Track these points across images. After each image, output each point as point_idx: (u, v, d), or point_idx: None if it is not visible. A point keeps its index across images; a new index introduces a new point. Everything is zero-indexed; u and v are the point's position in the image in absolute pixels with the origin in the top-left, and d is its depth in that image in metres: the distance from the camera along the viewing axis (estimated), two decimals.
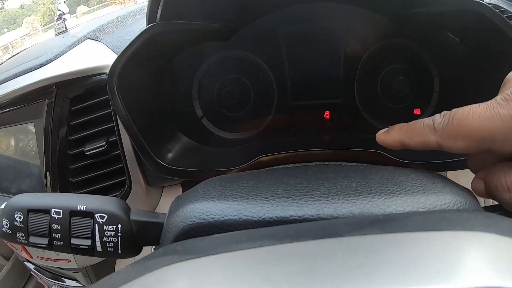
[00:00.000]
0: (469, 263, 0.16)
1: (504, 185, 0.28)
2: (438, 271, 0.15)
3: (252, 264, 0.17)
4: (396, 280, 0.15)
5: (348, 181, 0.29)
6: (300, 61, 0.55)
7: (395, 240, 0.18)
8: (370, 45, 0.54)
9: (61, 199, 0.32)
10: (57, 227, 0.31)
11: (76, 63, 0.54)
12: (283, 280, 0.15)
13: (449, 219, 0.20)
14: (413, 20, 0.48)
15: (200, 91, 0.57)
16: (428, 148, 0.32)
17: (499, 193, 0.29)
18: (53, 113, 0.53)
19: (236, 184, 0.30)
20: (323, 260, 0.16)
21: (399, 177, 0.29)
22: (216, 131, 0.58)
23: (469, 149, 0.29)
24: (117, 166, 0.54)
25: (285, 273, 0.16)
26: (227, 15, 0.48)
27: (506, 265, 0.15)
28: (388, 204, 0.26)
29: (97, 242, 0.31)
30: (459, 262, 0.16)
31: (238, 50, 0.55)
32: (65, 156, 0.54)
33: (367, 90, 0.56)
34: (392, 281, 0.15)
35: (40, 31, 6.45)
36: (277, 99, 0.57)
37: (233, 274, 0.16)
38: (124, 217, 0.32)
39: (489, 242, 0.17)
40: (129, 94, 0.46)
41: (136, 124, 0.46)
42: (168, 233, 0.28)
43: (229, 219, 0.25)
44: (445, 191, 0.27)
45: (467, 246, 0.17)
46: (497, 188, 0.29)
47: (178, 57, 0.53)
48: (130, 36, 0.56)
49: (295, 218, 0.25)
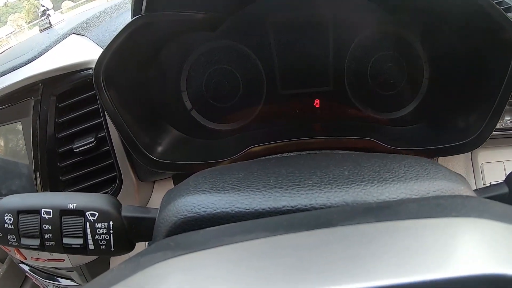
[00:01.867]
0: (466, 250, 0.16)
1: None
2: (435, 259, 0.15)
3: (246, 258, 0.17)
4: (392, 270, 0.14)
5: (340, 169, 0.28)
6: (289, 50, 0.54)
7: (389, 228, 0.18)
8: (359, 32, 0.53)
9: (51, 199, 0.32)
10: (48, 227, 0.31)
11: (61, 59, 0.53)
12: (277, 273, 0.15)
13: (444, 206, 0.20)
14: (405, 6, 0.47)
15: (188, 83, 0.56)
16: None
17: None
18: (40, 111, 0.52)
19: (227, 176, 0.29)
20: (317, 252, 0.16)
21: (391, 164, 0.29)
22: (206, 123, 0.57)
23: None
24: (107, 162, 0.53)
25: (279, 266, 0.16)
26: (212, 4, 0.47)
27: (503, 251, 0.15)
28: (381, 192, 0.25)
29: (89, 241, 0.31)
30: (456, 249, 0.16)
31: (226, 40, 0.54)
32: (54, 154, 0.53)
33: (356, 78, 0.55)
34: (388, 271, 0.14)
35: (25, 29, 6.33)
36: (266, 88, 0.56)
37: (227, 268, 0.16)
38: (116, 213, 0.32)
39: (484, 228, 0.17)
40: (117, 88, 0.45)
41: (125, 118, 0.45)
42: (160, 228, 0.27)
43: (221, 212, 0.25)
44: (438, 177, 0.27)
45: (463, 232, 0.17)
46: None
47: (165, 49, 0.52)
48: (116, 29, 0.54)
49: (288, 209, 0.25)
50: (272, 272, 0.15)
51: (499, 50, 0.42)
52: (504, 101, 0.42)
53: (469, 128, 0.46)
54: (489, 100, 0.43)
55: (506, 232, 0.17)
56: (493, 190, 0.33)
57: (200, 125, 0.57)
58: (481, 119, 0.44)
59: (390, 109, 0.56)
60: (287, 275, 0.15)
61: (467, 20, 0.44)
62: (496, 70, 0.42)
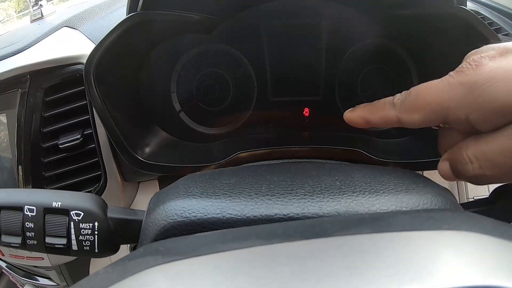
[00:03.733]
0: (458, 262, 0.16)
1: (465, 157, 0.29)
2: (430, 270, 0.15)
3: (242, 266, 0.17)
4: (391, 279, 0.14)
5: (332, 179, 0.29)
6: (282, 57, 0.54)
7: (385, 239, 0.18)
8: (352, 44, 0.54)
9: (35, 196, 0.31)
10: (30, 226, 0.30)
11: (51, 52, 0.51)
12: (275, 282, 0.15)
13: (435, 219, 0.21)
14: (397, 21, 0.48)
15: (178, 84, 0.55)
16: (388, 123, 0.34)
17: (462, 166, 0.30)
18: (26, 104, 0.50)
19: (218, 181, 0.29)
20: (314, 261, 0.16)
21: (381, 176, 0.30)
22: (194, 126, 0.57)
23: (426, 121, 0.30)
24: (92, 160, 0.52)
25: (276, 275, 0.15)
26: (209, 7, 0.47)
27: (492, 264, 0.16)
28: (372, 203, 0.26)
29: (72, 241, 0.30)
30: (450, 261, 0.16)
31: (219, 44, 0.54)
32: (38, 149, 0.51)
33: (347, 89, 0.56)
34: (387, 280, 0.14)
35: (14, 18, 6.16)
36: (256, 94, 0.56)
37: (222, 277, 0.16)
38: (101, 214, 0.31)
39: (474, 241, 0.18)
40: (107, 85, 0.44)
41: (113, 116, 0.45)
42: (147, 232, 0.27)
43: (212, 217, 0.25)
44: (426, 190, 0.28)
45: (455, 245, 0.17)
46: (460, 162, 0.30)
47: (158, 48, 0.52)
48: (109, 25, 0.54)
49: (279, 217, 0.24)
50: (271, 281, 0.15)
51: None
52: None
53: None
54: None
55: (495, 245, 0.18)
56: (478, 205, 0.34)
57: (189, 128, 0.57)
58: None
59: None
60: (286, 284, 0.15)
61: (458, 37, 0.45)
62: None
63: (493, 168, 0.28)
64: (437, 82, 0.30)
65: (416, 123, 0.31)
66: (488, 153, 0.28)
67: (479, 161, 0.29)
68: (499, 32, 0.64)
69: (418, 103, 0.31)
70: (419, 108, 0.31)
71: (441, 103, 0.29)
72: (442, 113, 0.29)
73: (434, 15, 0.43)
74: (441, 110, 0.29)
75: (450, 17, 0.41)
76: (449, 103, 0.29)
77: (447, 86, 0.29)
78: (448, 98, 0.29)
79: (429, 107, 0.30)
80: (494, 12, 0.73)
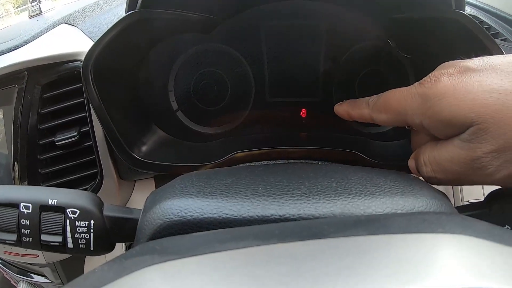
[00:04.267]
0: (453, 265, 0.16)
1: (422, 161, 0.34)
2: (425, 273, 0.15)
3: (239, 266, 0.17)
4: (387, 281, 0.15)
5: (328, 180, 0.29)
6: (280, 58, 0.55)
7: (381, 241, 0.18)
8: (351, 46, 0.54)
9: (31, 193, 0.31)
10: (26, 223, 0.30)
11: (49, 48, 0.51)
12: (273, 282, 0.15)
13: (430, 221, 0.21)
14: (396, 24, 0.49)
15: (176, 83, 0.55)
16: (364, 119, 0.41)
17: (419, 168, 0.35)
18: (23, 100, 0.50)
19: (215, 180, 0.29)
20: (311, 261, 0.16)
21: (377, 178, 0.30)
22: (191, 125, 0.57)
23: (390, 121, 0.36)
24: (89, 158, 0.52)
25: (274, 275, 0.15)
26: (209, 7, 0.47)
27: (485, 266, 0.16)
28: (368, 205, 0.26)
29: (68, 239, 0.30)
30: (444, 263, 0.16)
31: (218, 44, 0.54)
32: (34, 146, 0.51)
33: (344, 91, 0.56)
34: (383, 282, 0.15)
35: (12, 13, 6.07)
36: (254, 94, 0.56)
37: (219, 277, 0.16)
38: (97, 212, 0.31)
39: (469, 245, 0.18)
40: (104, 82, 0.44)
41: (110, 114, 0.44)
42: (144, 230, 0.27)
43: (209, 217, 0.25)
44: (422, 193, 0.28)
45: (449, 247, 0.18)
46: (418, 163, 0.35)
47: (156, 47, 0.52)
48: (108, 22, 0.54)
49: (276, 217, 0.25)
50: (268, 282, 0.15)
51: None
52: None
53: None
54: None
55: (489, 249, 0.18)
56: (473, 208, 0.34)
57: (186, 127, 0.57)
58: None
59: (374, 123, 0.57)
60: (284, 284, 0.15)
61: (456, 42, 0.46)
62: None
63: (443, 173, 0.32)
64: (403, 90, 0.35)
65: (384, 122, 0.37)
66: (438, 159, 0.32)
67: (432, 165, 0.33)
68: (497, 37, 0.65)
69: (385, 105, 0.36)
70: (386, 110, 0.36)
71: (402, 108, 0.34)
72: (402, 117, 0.34)
73: (433, 19, 0.44)
74: (402, 114, 0.34)
75: (449, 21, 0.41)
76: (407, 109, 0.33)
77: (408, 95, 0.33)
78: (407, 105, 0.33)
79: (392, 110, 0.35)
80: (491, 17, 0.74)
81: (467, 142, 0.29)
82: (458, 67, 0.31)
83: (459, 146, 0.30)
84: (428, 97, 0.31)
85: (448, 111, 0.29)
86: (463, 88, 0.29)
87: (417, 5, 0.44)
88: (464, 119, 0.29)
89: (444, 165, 0.32)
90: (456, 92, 0.29)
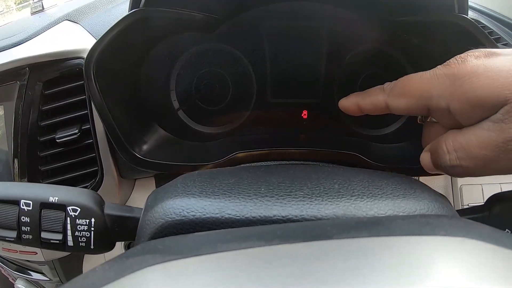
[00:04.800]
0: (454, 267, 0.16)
1: (444, 148, 0.31)
2: (427, 275, 0.15)
3: (242, 266, 0.17)
4: (389, 283, 0.15)
5: (330, 182, 0.29)
6: (282, 59, 0.55)
7: (384, 243, 0.18)
8: (352, 48, 0.54)
9: (31, 190, 0.31)
10: (26, 220, 0.30)
11: (52, 45, 0.51)
12: (276, 282, 0.15)
13: (432, 224, 0.21)
14: (398, 27, 0.49)
15: (178, 82, 0.55)
16: (378, 108, 0.37)
17: (440, 157, 0.32)
18: (24, 97, 0.50)
19: (217, 180, 0.29)
20: (314, 263, 0.16)
21: (379, 181, 0.30)
22: (192, 124, 0.57)
23: (411, 107, 0.33)
24: (89, 156, 0.52)
25: (277, 276, 0.15)
26: (212, 7, 0.47)
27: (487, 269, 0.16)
28: (370, 207, 0.26)
29: (68, 237, 0.30)
30: (446, 266, 0.16)
31: (220, 43, 0.54)
32: (35, 143, 0.51)
33: (346, 93, 0.56)
34: (385, 283, 0.15)
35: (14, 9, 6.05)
36: (256, 95, 0.56)
37: (222, 277, 0.16)
38: (98, 211, 0.31)
39: (471, 247, 0.18)
40: (106, 80, 0.44)
41: (112, 112, 0.44)
42: (145, 229, 0.27)
43: (211, 217, 0.25)
44: (423, 196, 0.28)
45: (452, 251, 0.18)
46: (439, 152, 0.32)
47: (159, 46, 0.51)
48: (111, 20, 0.53)
49: (278, 218, 0.25)
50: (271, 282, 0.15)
51: None
52: None
53: None
54: None
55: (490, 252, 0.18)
56: (473, 212, 0.34)
57: (187, 126, 0.56)
58: None
59: (375, 126, 0.57)
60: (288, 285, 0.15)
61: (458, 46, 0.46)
62: None
63: (470, 160, 0.30)
64: (425, 72, 0.32)
65: (402, 109, 0.34)
66: (465, 145, 0.30)
67: (456, 152, 0.30)
68: (499, 42, 0.65)
69: (405, 89, 0.33)
70: (405, 94, 0.33)
71: (426, 91, 0.31)
72: (425, 101, 0.31)
73: (435, 22, 0.44)
74: (425, 98, 0.31)
75: (451, 25, 0.41)
76: (432, 91, 0.31)
77: (432, 76, 0.31)
78: (432, 87, 0.31)
79: (414, 93, 0.32)
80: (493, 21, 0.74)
81: (499, 122, 0.27)
82: (484, 51, 0.30)
83: (490, 128, 0.28)
84: (457, 77, 0.29)
85: (480, 90, 0.27)
86: (494, 67, 0.28)
87: (419, 9, 0.44)
88: (497, 98, 0.27)
89: (472, 151, 0.29)
90: (487, 70, 0.28)
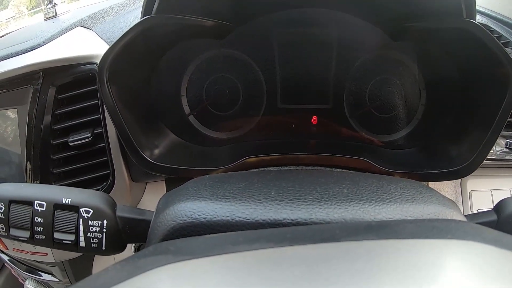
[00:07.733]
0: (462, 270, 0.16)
1: None
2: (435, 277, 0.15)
3: (253, 267, 0.17)
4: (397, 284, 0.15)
5: (339, 187, 0.29)
6: (292, 65, 0.55)
7: (392, 246, 0.18)
8: (362, 54, 0.54)
9: (45, 191, 0.31)
10: (40, 220, 0.30)
11: (65, 50, 0.52)
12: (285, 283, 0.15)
13: (440, 228, 0.21)
14: (407, 33, 0.49)
15: (189, 88, 0.56)
16: None
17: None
18: (38, 100, 0.51)
19: (228, 184, 0.30)
20: (324, 264, 0.17)
21: (388, 185, 0.30)
22: (203, 129, 0.57)
23: None
24: (101, 159, 0.52)
25: (287, 276, 0.16)
26: (223, 13, 0.48)
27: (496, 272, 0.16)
28: (378, 211, 0.26)
29: (80, 238, 0.31)
30: (454, 268, 0.16)
31: (231, 50, 0.54)
32: (47, 146, 0.52)
33: (355, 98, 0.56)
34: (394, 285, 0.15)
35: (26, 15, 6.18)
36: (266, 101, 0.56)
37: (233, 277, 0.16)
38: (110, 213, 0.31)
39: (478, 251, 0.18)
40: (119, 85, 0.45)
41: (124, 116, 0.45)
42: (156, 231, 0.27)
43: (222, 220, 0.25)
44: (432, 201, 0.28)
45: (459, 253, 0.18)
46: None
47: (170, 52, 0.52)
48: (124, 26, 0.54)
49: (288, 221, 0.25)
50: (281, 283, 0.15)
51: (495, 83, 0.43)
52: (497, 133, 0.43)
53: (460, 157, 0.47)
54: (482, 131, 0.44)
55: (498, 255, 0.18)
56: (482, 217, 0.34)
57: (197, 131, 0.57)
58: (472, 149, 0.45)
59: (385, 131, 0.57)
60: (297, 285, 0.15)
61: (466, 51, 0.46)
62: (491, 102, 0.44)
63: None
64: None
65: None
66: None
67: None
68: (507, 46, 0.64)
69: None
70: None
71: None
72: None
73: (444, 28, 0.44)
74: None
75: (459, 30, 0.42)
76: None
77: None
78: None
79: None
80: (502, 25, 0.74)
81: None
82: None
83: None
84: None
85: None
86: None
87: (428, 15, 0.45)
88: None
89: None
90: None
